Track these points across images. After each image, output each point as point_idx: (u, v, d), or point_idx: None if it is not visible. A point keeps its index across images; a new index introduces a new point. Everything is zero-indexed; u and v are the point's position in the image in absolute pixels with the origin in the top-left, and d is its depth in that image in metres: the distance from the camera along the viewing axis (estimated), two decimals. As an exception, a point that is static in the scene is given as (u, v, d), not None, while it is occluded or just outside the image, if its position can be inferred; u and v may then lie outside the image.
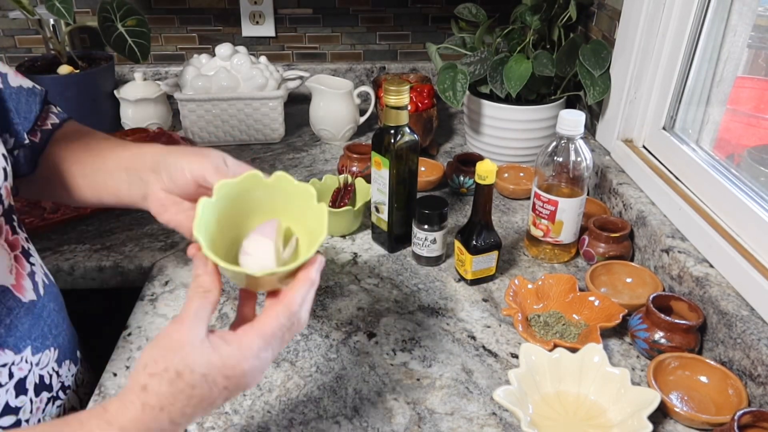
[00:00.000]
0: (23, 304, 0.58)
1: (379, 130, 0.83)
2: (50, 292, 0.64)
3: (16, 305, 0.57)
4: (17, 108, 0.67)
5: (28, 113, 0.69)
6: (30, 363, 0.59)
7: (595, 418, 0.62)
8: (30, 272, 0.61)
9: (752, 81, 0.85)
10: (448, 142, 1.26)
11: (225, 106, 1.18)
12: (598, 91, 1.01)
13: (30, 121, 0.69)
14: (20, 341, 0.57)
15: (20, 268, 0.59)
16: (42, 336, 0.61)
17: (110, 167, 0.67)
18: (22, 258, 0.60)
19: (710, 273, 0.73)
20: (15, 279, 0.58)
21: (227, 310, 0.77)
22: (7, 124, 0.66)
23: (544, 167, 0.83)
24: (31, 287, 0.60)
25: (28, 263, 0.61)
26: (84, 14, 1.37)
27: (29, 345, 0.59)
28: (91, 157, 0.69)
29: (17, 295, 0.58)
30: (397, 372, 0.69)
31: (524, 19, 1.08)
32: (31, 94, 0.70)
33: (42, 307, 0.61)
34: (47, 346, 0.61)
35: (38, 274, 0.63)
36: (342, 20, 1.42)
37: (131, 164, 0.65)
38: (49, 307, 0.63)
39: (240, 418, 0.63)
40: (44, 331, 0.61)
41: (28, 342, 0.58)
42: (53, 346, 0.63)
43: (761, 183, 0.75)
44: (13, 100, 0.67)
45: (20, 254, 0.60)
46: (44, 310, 0.62)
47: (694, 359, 0.66)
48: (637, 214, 0.87)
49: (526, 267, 0.87)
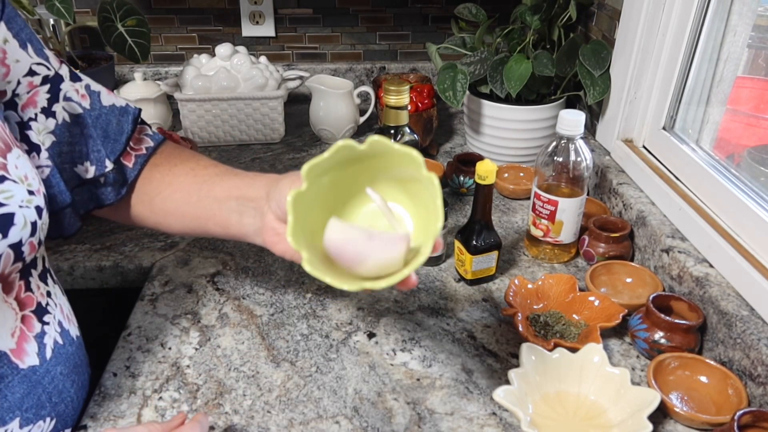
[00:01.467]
0: (19, 371, 0.53)
1: (379, 130, 0.83)
2: (60, 354, 0.58)
3: (10, 373, 0.52)
4: (106, 130, 0.65)
5: (119, 134, 0.65)
6: None
7: (595, 418, 0.62)
8: (39, 333, 0.55)
9: (752, 81, 0.85)
10: (448, 142, 1.26)
11: (225, 106, 1.18)
12: (598, 91, 1.01)
13: (121, 144, 0.65)
14: (7, 413, 0.52)
15: (26, 330, 0.54)
16: (37, 405, 0.55)
17: (219, 195, 0.63)
18: (32, 318, 0.55)
19: (710, 273, 0.73)
20: (16, 343, 0.53)
21: (227, 310, 0.77)
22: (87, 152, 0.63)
23: (544, 167, 0.83)
24: (34, 351, 0.55)
25: (40, 322, 0.56)
26: (84, 14, 1.37)
27: (18, 417, 0.53)
28: (197, 184, 0.64)
29: (14, 361, 0.53)
30: (397, 372, 0.69)
31: (524, 19, 1.08)
32: (123, 113, 0.66)
33: (44, 373, 0.56)
34: (42, 417, 0.56)
35: (50, 335, 0.57)
36: (342, 20, 1.42)
37: (244, 193, 0.61)
38: (55, 372, 0.57)
39: (240, 418, 0.63)
40: (41, 400, 0.55)
41: (17, 413, 0.53)
42: (50, 416, 0.57)
43: (761, 183, 0.75)
44: (101, 123, 0.64)
45: (31, 314, 0.55)
46: (46, 376, 0.56)
47: (694, 359, 0.66)
48: (637, 214, 0.87)
49: (526, 267, 0.87)
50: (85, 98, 0.63)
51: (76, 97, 0.62)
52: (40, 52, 0.59)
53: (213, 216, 0.64)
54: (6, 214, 0.49)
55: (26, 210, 0.50)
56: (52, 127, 0.60)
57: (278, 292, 0.81)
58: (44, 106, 0.59)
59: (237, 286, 0.82)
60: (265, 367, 0.69)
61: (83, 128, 0.63)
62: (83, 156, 0.63)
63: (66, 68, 0.62)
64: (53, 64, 0.61)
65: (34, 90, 0.58)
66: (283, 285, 0.82)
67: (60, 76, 0.61)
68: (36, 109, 0.58)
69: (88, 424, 0.61)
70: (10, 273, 0.52)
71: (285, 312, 0.77)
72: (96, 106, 0.64)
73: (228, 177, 0.64)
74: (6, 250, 0.49)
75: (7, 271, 0.51)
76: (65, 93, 0.61)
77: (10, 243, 0.49)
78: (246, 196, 0.61)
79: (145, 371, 0.68)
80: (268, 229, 0.58)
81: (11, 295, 0.53)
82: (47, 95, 0.59)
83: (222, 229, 0.64)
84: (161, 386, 0.66)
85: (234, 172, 0.65)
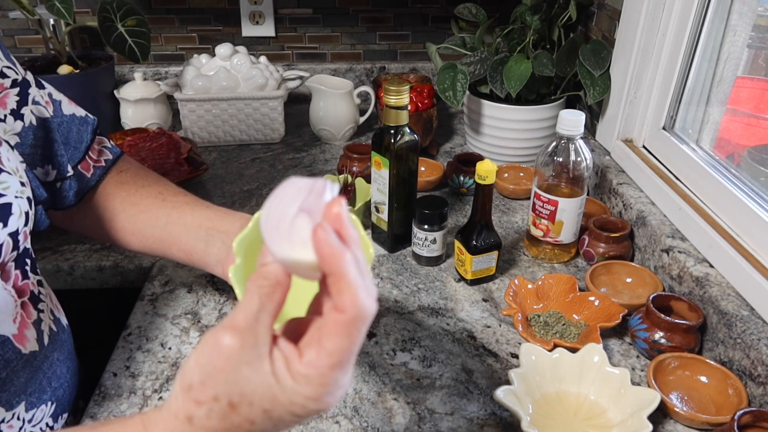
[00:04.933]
0: (23, 356, 0.54)
1: (379, 130, 0.83)
2: (56, 340, 0.60)
3: (15, 357, 0.53)
4: (67, 138, 0.66)
5: (79, 143, 0.67)
6: (22, 420, 0.55)
7: (595, 418, 0.62)
8: (36, 320, 0.57)
9: (752, 81, 0.85)
10: (448, 142, 1.26)
11: (225, 106, 1.18)
12: (598, 91, 1.01)
13: (80, 152, 0.67)
14: (14, 397, 0.54)
15: (25, 317, 0.55)
16: (39, 390, 0.57)
17: (189, 223, 0.65)
18: (30, 305, 0.56)
19: (710, 273, 0.73)
20: (18, 328, 0.54)
21: (227, 310, 0.77)
22: (50, 156, 0.64)
23: (544, 167, 0.83)
24: (34, 337, 0.56)
25: (36, 310, 0.57)
26: (84, 14, 1.37)
27: (24, 400, 0.55)
28: (166, 209, 0.67)
29: (17, 346, 0.54)
30: (397, 372, 0.69)
31: (524, 19, 1.08)
32: (83, 123, 0.68)
33: (44, 358, 0.57)
34: (44, 401, 0.58)
35: (45, 322, 0.59)
36: (342, 20, 1.42)
37: (215, 225, 0.64)
38: (52, 358, 0.59)
39: (240, 418, 0.62)
40: (42, 385, 0.57)
41: (22, 397, 0.55)
42: (50, 400, 0.59)
43: (761, 183, 0.75)
44: (62, 130, 0.65)
45: (28, 301, 0.56)
46: (46, 361, 0.58)
47: (694, 359, 0.66)
48: (637, 214, 0.87)
49: (526, 267, 0.87)
50: (48, 105, 0.65)
51: (42, 103, 0.64)
52: (8, 56, 0.61)
53: (178, 241, 0.66)
54: (5, 204, 0.51)
55: (20, 200, 0.52)
56: (19, 129, 0.61)
57: (278, 292, 0.81)
58: (13, 108, 0.60)
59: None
60: (265, 367, 0.69)
61: (48, 132, 0.64)
62: (46, 159, 0.64)
63: (30, 75, 0.64)
64: (20, 69, 0.62)
65: (4, 92, 0.59)
66: (283, 285, 0.82)
67: (27, 81, 0.62)
68: (5, 111, 0.59)
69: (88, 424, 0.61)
70: (7, 262, 0.53)
71: (285, 312, 0.77)
72: (58, 114, 0.65)
73: (199, 207, 0.67)
74: (6, 238, 0.51)
75: (6, 259, 0.52)
76: (33, 97, 0.62)
77: (10, 232, 0.51)
78: (217, 228, 0.64)
79: (145, 371, 0.68)
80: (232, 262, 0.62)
81: (9, 283, 0.54)
82: (17, 98, 0.60)
83: (184, 255, 0.66)
84: (161, 386, 0.66)
85: (205, 203, 0.68)
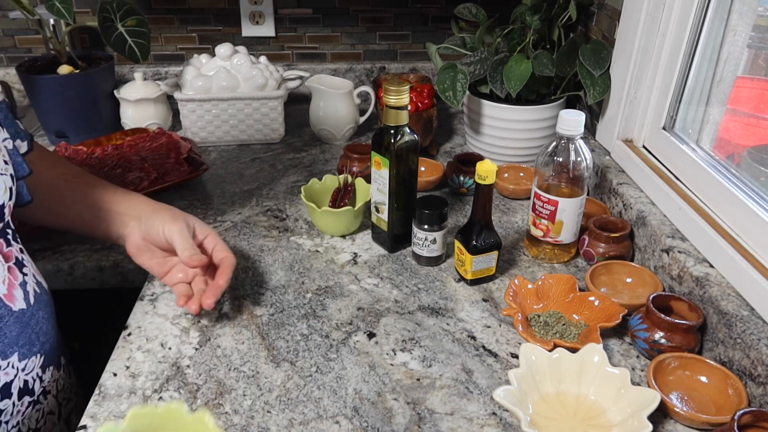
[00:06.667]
0: (13, 313, 0.61)
1: (379, 130, 0.83)
2: (41, 300, 0.66)
3: (6, 314, 0.60)
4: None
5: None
6: (16, 368, 0.61)
7: (595, 418, 0.62)
8: (22, 282, 0.63)
9: (752, 81, 0.85)
10: (448, 142, 1.26)
11: (225, 106, 1.18)
12: (598, 91, 1.01)
13: None
14: (8, 348, 0.60)
15: (12, 279, 0.62)
16: (29, 343, 0.63)
17: (90, 203, 0.74)
18: (15, 269, 0.63)
19: (710, 273, 0.73)
20: (7, 289, 0.61)
21: (227, 310, 0.77)
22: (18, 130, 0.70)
23: (544, 167, 0.83)
24: (21, 296, 0.62)
25: (21, 273, 0.64)
26: (84, 14, 1.37)
27: (16, 351, 0.61)
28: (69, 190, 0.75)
29: (8, 304, 0.60)
30: (397, 372, 0.69)
31: (524, 19, 1.08)
32: None
33: (31, 315, 0.63)
34: (34, 353, 0.64)
35: (30, 284, 0.65)
36: (342, 20, 1.42)
37: (116, 207, 0.74)
38: (38, 316, 0.65)
39: (240, 418, 0.63)
40: (32, 339, 0.63)
41: (15, 348, 0.61)
42: (40, 353, 0.65)
43: (761, 183, 0.75)
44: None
45: (13, 265, 0.63)
46: (33, 318, 0.64)
47: (694, 359, 0.66)
48: (637, 214, 0.87)
49: (526, 267, 0.87)
50: None
51: None
52: None
53: (81, 219, 0.75)
54: None
55: (4, 177, 0.58)
56: None
57: (278, 292, 0.81)
58: None
59: (237, 286, 0.82)
60: (265, 367, 0.69)
61: None
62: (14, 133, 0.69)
63: None
64: None
65: None
66: (283, 285, 0.82)
67: None
68: None
69: (88, 425, 0.61)
70: None
71: (285, 312, 0.77)
72: None
73: (98, 189, 0.75)
74: None
75: None
76: None
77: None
78: (114, 210, 0.74)
79: (145, 371, 0.68)
80: (132, 242, 0.73)
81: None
82: None
83: (86, 231, 0.77)
84: (161, 386, 0.66)
85: (102, 184, 0.76)
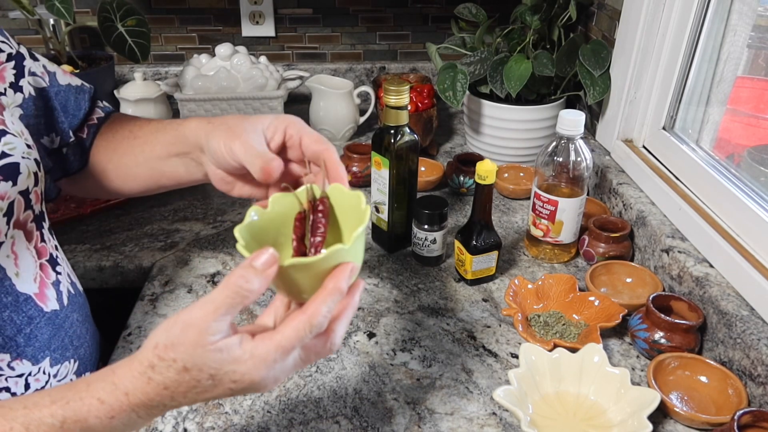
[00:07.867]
0: (45, 314, 0.57)
1: (379, 130, 0.83)
2: (75, 302, 0.63)
3: (37, 315, 0.56)
4: (65, 106, 0.68)
5: (77, 110, 0.70)
6: (48, 374, 0.58)
7: (595, 418, 0.62)
8: (55, 281, 0.60)
9: (752, 81, 0.85)
10: (448, 142, 1.26)
11: (225, 106, 1.18)
12: (598, 91, 1.01)
13: (78, 119, 0.70)
14: (39, 352, 0.57)
15: (45, 277, 0.58)
16: (62, 347, 0.60)
17: (160, 154, 0.65)
18: (48, 267, 0.59)
19: (710, 273, 0.73)
20: (38, 288, 0.57)
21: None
22: (52, 123, 0.67)
23: (544, 167, 0.83)
24: (54, 297, 0.59)
25: (54, 272, 0.60)
26: (84, 14, 1.37)
27: (48, 356, 0.58)
28: (140, 146, 0.67)
29: (39, 305, 0.57)
30: (397, 372, 0.69)
31: (524, 19, 1.08)
32: (80, 91, 0.71)
33: (65, 317, 0.60)
34: (67, 358, 0.60)
35: (63, 283, 0.61)
36: (342, 20, 1.42)
37: (178, 149, 0.64)
38: (72, 318, 0.62)
39: (240, 418, 0.63)
40: (65, 342, 0.60)
41: (47, 353, 0.58)
42: (73, 358, 0.62)
43: (761, 183, 0.75)
44: (60, 99, 0.68)
45: (46, 263, 0.59)
46: (67, 320, 0.60)
47: (694, 359, 0.66)
48: (637, 214, 0.87)
49: (526, 267, 0.87)
50: (44, 75, 0.66)
51: (39, 73, 0.65)
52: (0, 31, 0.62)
53: (163, 174, 0.67)
54: (12, 164, 0.53)
55: (28, 161, 0.55)
56: (20, 101, 0.62)
57: (278, 292, 0.81)
58: (12, 81, 0.62)
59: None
60: (265, 367, 0.69)
61: (47, 101, 0.66)
62: (49, 128, 0.67)
63: (24, 48, 0.65)
64: (13, 43, 0.63)
65: (1, 66, 0.61)
66: (283, 285, 0.82)
67: (21, 54, 0.64)
68: (5, 84, 0.61)
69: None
70: (25, 221, 0.56)
71: (285, 312, 0.77)
72: (54, 84, 0.67)
73: (160, 134, 0.66)
74: (17, 196, 0.53)
75: (22, 219, 0.55)
76: (29, 68, 0.64)
77: (20, 190, 0.54)
78: (183, 152, 0.63)
79: (145, 371, 0.68)
80: (214, 177, 0.61)
81: (32, 243, 0.57)
82: (13, 71, 0.62)
83: (176, 183, 0.67)
84: (161, 386, 0.66)
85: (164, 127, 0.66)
